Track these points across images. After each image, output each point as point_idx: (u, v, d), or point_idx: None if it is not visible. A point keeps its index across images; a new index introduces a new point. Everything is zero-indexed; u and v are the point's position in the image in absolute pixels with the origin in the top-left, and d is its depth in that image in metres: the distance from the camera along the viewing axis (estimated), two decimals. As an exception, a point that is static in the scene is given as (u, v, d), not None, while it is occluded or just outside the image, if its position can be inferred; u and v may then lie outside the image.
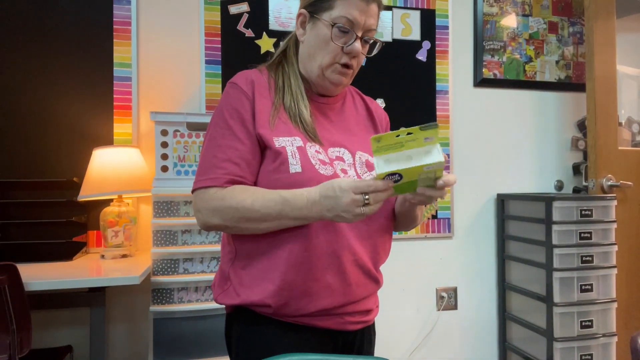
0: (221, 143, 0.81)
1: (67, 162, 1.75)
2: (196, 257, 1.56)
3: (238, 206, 0.77)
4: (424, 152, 0.70)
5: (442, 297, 2.15)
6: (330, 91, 0.90)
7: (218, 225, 0.80)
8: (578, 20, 2.33)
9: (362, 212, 0.70)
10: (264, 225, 0.77)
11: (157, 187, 1.55)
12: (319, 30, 0.85)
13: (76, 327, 1.74)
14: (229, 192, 0.78)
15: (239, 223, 0.78)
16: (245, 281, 0.83)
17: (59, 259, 1.58)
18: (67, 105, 1.76)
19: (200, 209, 0.80)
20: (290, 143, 0.81)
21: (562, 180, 2.31)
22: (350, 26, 0.83)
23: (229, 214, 0.78)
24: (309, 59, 0.88)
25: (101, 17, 1.79)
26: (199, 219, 0.81)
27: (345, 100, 0.97)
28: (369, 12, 0.84)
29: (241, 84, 0.85)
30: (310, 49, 0.87)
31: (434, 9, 2.13)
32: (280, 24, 1.95)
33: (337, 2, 0.82)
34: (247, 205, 0.76)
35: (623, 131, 2.30)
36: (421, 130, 0.68)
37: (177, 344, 1.51)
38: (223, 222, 0.79)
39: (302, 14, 0.88)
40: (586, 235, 1.86)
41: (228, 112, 0.83)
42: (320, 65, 0.85)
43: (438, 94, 2.14)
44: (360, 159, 0.88)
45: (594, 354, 1.85)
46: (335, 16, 0.82)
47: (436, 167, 0.69)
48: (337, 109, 0.93)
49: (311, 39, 0.86)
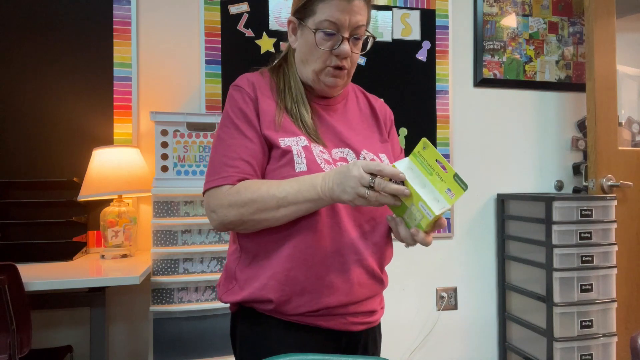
0: (230, 143, 0.82)
1: (67, 162, 1.75)
2: (196, 257, 1.56)
3: (254, 196, 0.76)
4: (434, 196, 0.70)
5: (442, 297, 2.15)
6: (329, 93, 0.90)
7: (234, 221, 0.78)
8: (578, 20, 2.33)
9: (365, 194, 0.69)
10: (281, 212, 0.76)
11: (157, 187, 1.55)
12: (306, 37, 0.85)
13: (76, 327, 1.75)
14: (243, 186, 0.78)
15: (255, 215, 0.77)
16: (249, 277, 0.83)
17: (59, 259, 1.58)
18: (67, 105, 1.76)
19: (215, 208, 0.79)
20: (296, 143, 0.82)
21: (562, 180, 2.31)
22: (334, 28, 0.82)
23: (246, 206, 0.77)
24: (302, 64, 0.88)
25: (101, 17, 1.79)
26: (214, 220, 0.80)
27: (348, 100, 0.96)
28: (353, 10, 0.82)
29: (244, 86, 0.86)
30: (302, 55, 0.87)
31: (434, 9, 2.13)
32: (280, 24, 1.95)
33: (319, 6, 0.82)
34: (264, 193, 0.76)
35: (623, 131, 2.30)
36: (454, 179, 0.69)
37: (177, 344, 1.51)
38: (240, 216, 0.77)
39: (292, 21, 0.89)
40: (586, 235, 1.86)
41: (234, 113, 0.84)
42: (314, 70, 0.86)
43: (438, 94, 2.14)
44: (365, 159, 0.88)
45: (594, 354, 1.85)
46: (319, 20, 0.82)
47: (427, 215, 0.69)
48: (340, 109, 0.93)
49: (302, 45, 0.87)
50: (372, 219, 0.85)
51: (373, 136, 0.94)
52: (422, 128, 2.12)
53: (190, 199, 1.57)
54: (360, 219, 0.84)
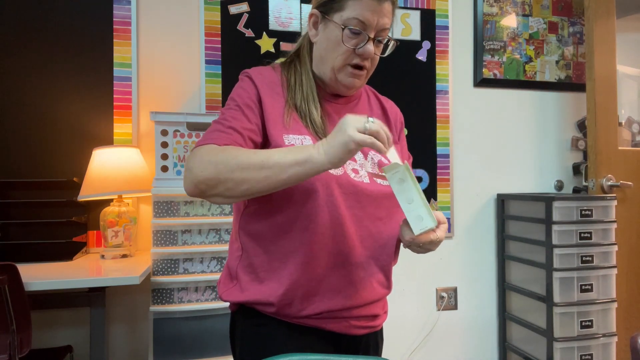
0: (228, 116, 0.80)
1: (67, 162, 1.75)
2: (196, 257, 1.56)
3: (237, 152, 0.71)
4: (418, 213, 0.73)
5: (442, 297, 2.15)
6: (344, 92, 0.89)
7: (210, 178, 0.70)
8: (578, 20, 2.33)
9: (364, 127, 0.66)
10: (263, 173, 0.69)
11: (157, 187, 1.55)
12: (330, 32, 0.83)
13: (76, 327, 1.74)
14: (230, 146, 0.74)
15: (234, 173, 0.69)
16: (252, 279, 0.82)
17: (59, 259, 1.58)
18: (68, 105, 1.76)
19: (192, 166, 0.72)
20: (300, 142, 0.80)
21: (562, 180, 2.31)
22: (362, 27, 0.80)
23: (225, 161, 0.70)
24: (321, 61, 0.86)
25: (101, 17, 1.79)
26: (187, 178, 0.73)
27: (360, 100, 0.95)
28: (382, 12, 0.81)
29: (252, 76, 0.85)
30: (322, 50, 0.85)
31: (434, 9, 2.13)
32: (280, 24, 1.95)
33: (349, 3, 0.80)
34: (249, 152, 0.71)
35: (623, 131, 2.30)
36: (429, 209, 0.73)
37: (177, 344, 1.51)
38: (217, 174, 0.69)
39: (314, 14, 0.86)
40: (586, 235, 1.86)
41: (238, 96, 0.83)
42: (333, 67, 0.84)
43: (438, 94, 2.14)
44: (373, 159, 0.87)
45: (594, 354, 1.85)
46: (347, 17, 0.80)
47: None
48: (351, 109, 0.91)
49: (323, 40, 0.84)
50: (378, 220, 0.84)
51: None
52: (422, 128, 2.12)
53: (190, 199, 1.57)
54: (364, 219, 0.82)
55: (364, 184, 0.82)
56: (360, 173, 0.83)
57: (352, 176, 0.82)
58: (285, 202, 0.79)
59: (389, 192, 0.80)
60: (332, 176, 0.79)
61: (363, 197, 0.82)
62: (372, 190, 0.83)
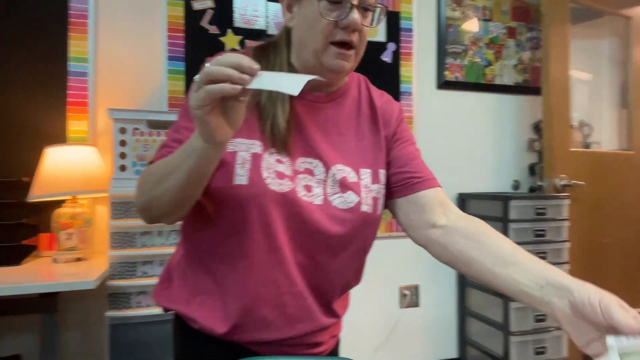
0: (179, 125, 0.72)
1: (15, 160, 1.65)
2: (156, 260, 1.51)
3: (156, 168, 0.66)
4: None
5: (404, 295, 2.19)
6: (333, 79, 0.75)
7: (143, 204, 0.67)
8: (535, 26, 2.42)
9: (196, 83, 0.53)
10: (170, 180, 0.61)
11: (115, 187, 1.50)
12: (306, 9, 0.70)
13: (26, 335, 1.66)
14: (154, 163, 0.68)
15: (153, 190, 0.64)
16: (182, 291, 0.75)
17: (6, 264, 1.49)
18: (17, 100, 1.66)
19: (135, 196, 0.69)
20: (247, 148, 0.69)
21: (519, 180, 2.41)
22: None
23: (146, 182, 0.66)
24: (300, 45, 0.73)
25: (56, 7, 1.70)
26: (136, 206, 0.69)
27: (347, 96, 0.80)
28: None
29: None
30: (301, 33, 0.72)
31: (399, 11, 2.16)
32: (246, 21, 1.92)
33: None
34: (162, 163, 0.65)
35: (575, 133, 2.42)
36: None
37: (135, 350, 1.46)
38: (144, 198, 0.66)
39: None
40: (541, 232, 1.95)
41: None
42: (314, 49, 0.70)
43: (402, 95, 2.17)
44: (335, 176, 0.73)
45: (548, 347, 1.94)
46: None
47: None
48: (330, 109, 0.77)
49: (300, 21, 0.72)
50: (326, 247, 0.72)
51: (361, 145, 0.78)
52: (386, 128, 2.14)
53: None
54: (308, 244, 0.71)
55: (312, 205, 0.70)
56: (314, 191, 0.72)
57: (302, 194, 0.70)
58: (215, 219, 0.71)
59: (343, 217, 0.71)
60: (273, 193, 0.68)
61: (310, 220, 0.70)
62: (321, 214, 0.71)
